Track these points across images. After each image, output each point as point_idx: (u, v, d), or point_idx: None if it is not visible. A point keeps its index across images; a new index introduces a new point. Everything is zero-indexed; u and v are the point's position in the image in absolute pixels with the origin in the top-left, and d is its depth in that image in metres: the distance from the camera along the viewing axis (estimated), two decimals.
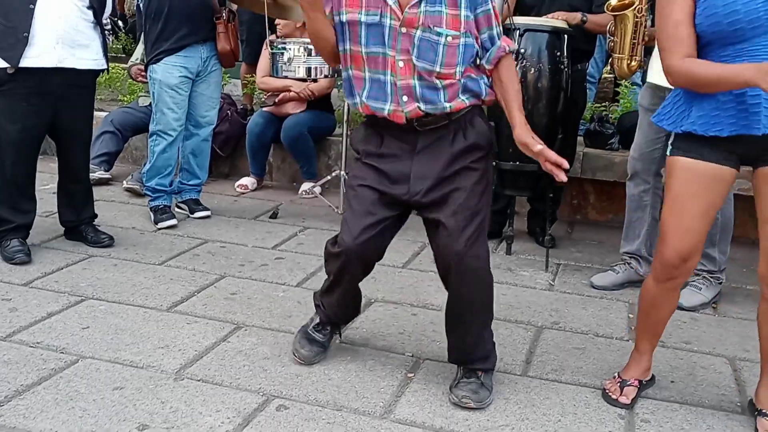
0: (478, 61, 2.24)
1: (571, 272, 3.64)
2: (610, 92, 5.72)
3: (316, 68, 3.95)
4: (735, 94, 2.02)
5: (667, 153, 2.22)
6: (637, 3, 3.16)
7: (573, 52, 3.56)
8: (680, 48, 2.07)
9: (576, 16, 3.55)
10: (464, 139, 2.23)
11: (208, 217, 4.25)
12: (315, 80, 4.55)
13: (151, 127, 4.08)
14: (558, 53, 3.44)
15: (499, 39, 2.21)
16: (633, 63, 3.29)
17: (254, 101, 5.71)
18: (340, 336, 2.71)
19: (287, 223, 4.25)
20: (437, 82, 2.17)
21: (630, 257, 3.44)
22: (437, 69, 2.15)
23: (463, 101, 2.21)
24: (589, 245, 4.11)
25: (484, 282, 2.30)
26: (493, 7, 2.19)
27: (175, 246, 3.75)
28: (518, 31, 3.40)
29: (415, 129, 2.23)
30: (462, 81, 2.20)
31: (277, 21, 4.69)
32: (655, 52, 3.15)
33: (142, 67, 4.48)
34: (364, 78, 2.23)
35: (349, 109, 4.30)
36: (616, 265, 3.47)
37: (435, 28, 2.12)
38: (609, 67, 4.54)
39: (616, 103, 5.15)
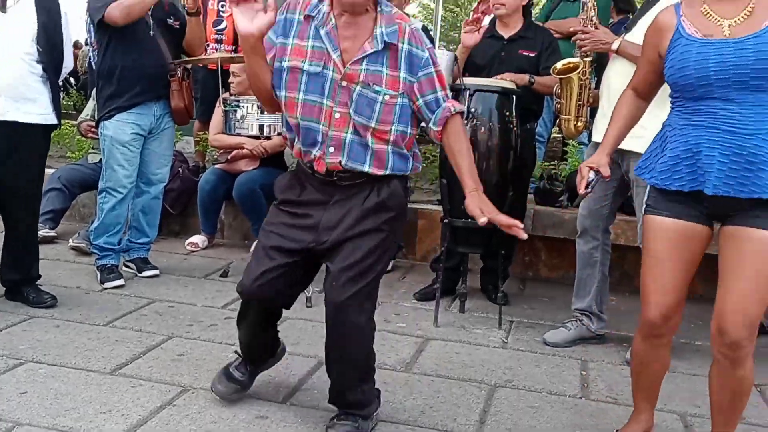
0: (413, 131, 2.30)
1: (524, 329, 3.64)
2: (559, 151, 5.86)
3: (269, 126, 3.95)
4: (694, 152, 2.10)
5: (642, 212, 2.27)
6: (581, 67, 3.26)
7: (522, 112, 3.64)
8: (634, 79, 2.39)
9: (524, 78, 3.64)
10: (377, 197, 2.28)
11: (156, 276, 4.16)
12: (268, 137, 4.55)
13: (101, 184, 4.01)
14: (507, 113, 3.51)
15: (444, 101, 2.25)
16: (579, 123, 3.38)
17: (206, 158, 5.68)
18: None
19: (238, 281, 4.16)
20: (370, 140, 2.22)
21: (581, 314, 3.46)
22: (372, 125, 2.20)
23: (385, 171, 2.27)
24: (542, 302, 4.13)
25: (363, 337, 2.33)
26: (438, 71, 2.25)
27: (122, 306, 3.64)
28: (468, 92, 3.47)
29: (334, 182, 2.29)
30: (392, 152, 2.25)
31: (231, 79, 4.71)
32: (600, 112, 3.25)
33: (93, 124, 4.43)
34: (298, 124, 2.26)
35: None
36: (567, 322, 3.49)
37: (374, 85, 2.19)
38: (557, 128, 4.65)
39: (564, 162, 5.27)
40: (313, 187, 2.33)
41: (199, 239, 4.90)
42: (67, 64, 3.55)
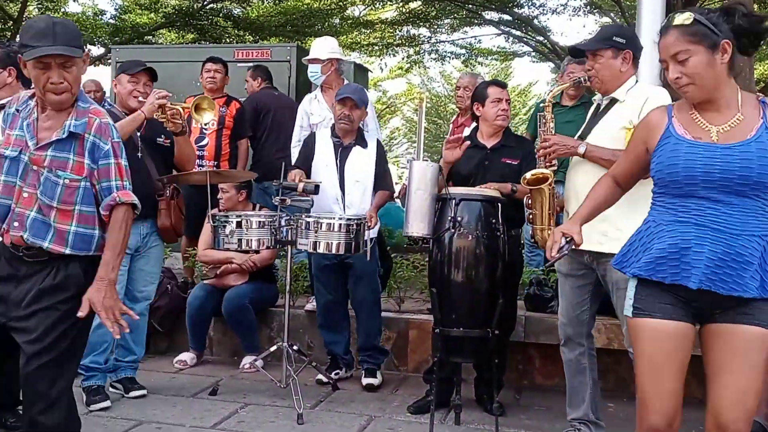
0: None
1: None
2: None
3: (258, 240, 3.98)
4: (682, 247, 2.14)
5: (628, 314, 2.25)
6: (551, 178, 3.29)
7: (507, 218, 3.66)
8: (615, 169, 2.48)
9: (506, 187, 3.70)
10: (53, 280, 2.47)
11: (144, 396, 4.05)
12: (257, 251, 4.58)
13: None
14: (494, 220, 3.53)
15: (117, 191, 2.49)
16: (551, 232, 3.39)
17: (195, 274, 5.66)
18: None
19: (227, 399, 4.07)
20: (53, 218, 2.46)
21: (579, 423, 3.38)
22: (55, 204, 2.46)
23: (65, 249, 2.48)
24: (538, 411, 4.03)
25: (57, 410, 2.46)
26: (118, 163, 2.51)
27: (108, 429, 3.53)
28: (454, 201, 3.52)
29: (21, 257, 2.48)
30: (75, 231, 2.48)
31: (219, 195, 4.77)
32: (567, 217, 3.28)
33: None
34: None
35: (291, 279, 4.29)
36: None
37: (56, 170, 2.46)
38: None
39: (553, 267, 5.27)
40: (5, 260, 2.52)
41: (187, 356, 4.81)
42: None
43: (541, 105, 3.46)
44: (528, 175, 3.31)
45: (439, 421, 3.71)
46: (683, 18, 2.14)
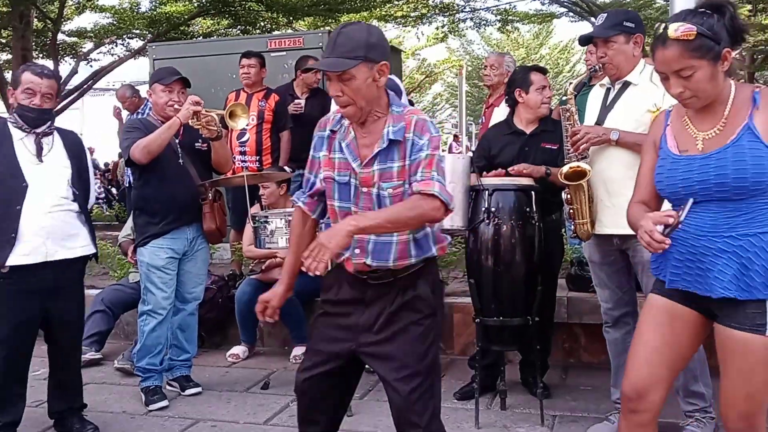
0: None
1: (567, 424, 3.58)
2: None
3: None
4: (696, 254, 2.17)
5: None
6: (589, 173, 3.26)
7: (543, 204, 3.66)
8: (637, 194, 2.38)
9: (540, 170, 3.67)
10: (402, 299, 2.34)
11: (199, 393, 4.21)
12: None
13: (140, 307, 4.12)
14: (527, 209, 3.54)
15: (420, 181, 2.25)
16: (591, 226, 3.35)
17: (243, 266, 5.80)
18: None
19: (279, 392, 4.20)
20: (393, 235, 2.30)
21: None
22: None
23: (410, 260, 2.34)
24: (584, 392, 4.06)
25: None
26: (430, 155, 2.27)
27: (166, 429, 3.70)
28: (487, 191, 3.54)
29: (365, 281, 2.37)
30: (411, 235, 2.32)
31: (261, 192, 4.87)
32: (601, 204, 3.26)
33: (132, 247, 4.56)
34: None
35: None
36: (611, 415, 3.43)
37: (383, 183, 2.31)
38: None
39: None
40: (348, 284, 2.39)
41: (239, 350, 4.96)
42: (91, 196, 3.70)
43: (564, 98, 3.41)
44: (565, 169, 3.28)
45: (485, 406, 3.79)
46: (684, 31, 2.07)
